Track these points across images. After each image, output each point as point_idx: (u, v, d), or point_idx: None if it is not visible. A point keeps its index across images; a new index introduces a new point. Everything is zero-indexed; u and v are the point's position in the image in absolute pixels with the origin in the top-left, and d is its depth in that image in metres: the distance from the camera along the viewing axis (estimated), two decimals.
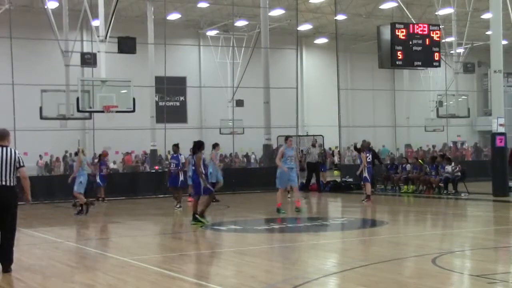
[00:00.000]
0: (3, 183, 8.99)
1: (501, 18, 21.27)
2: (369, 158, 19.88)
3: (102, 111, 21.04)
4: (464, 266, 9.88)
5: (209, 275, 9.30)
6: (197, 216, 14.56)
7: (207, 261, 10.72)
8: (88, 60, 25.90)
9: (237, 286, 8.47)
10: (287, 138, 17.39)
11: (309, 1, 38.85)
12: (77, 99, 21.08)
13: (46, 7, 26.38)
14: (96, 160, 23.18)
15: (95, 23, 22.05)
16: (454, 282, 8.66)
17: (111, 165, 38.25)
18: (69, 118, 26.05)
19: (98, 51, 21.58)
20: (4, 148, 9.09)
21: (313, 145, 25.14)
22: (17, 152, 9.17)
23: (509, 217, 15.41)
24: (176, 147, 19.43)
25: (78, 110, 21.80)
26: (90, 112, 23.51)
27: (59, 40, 25.94)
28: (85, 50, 29.74)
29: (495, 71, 20.86)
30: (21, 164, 9.13)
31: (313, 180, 25.02)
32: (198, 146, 14.97)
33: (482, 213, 17.69)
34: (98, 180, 21.30)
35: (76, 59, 26.27)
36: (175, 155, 19.34)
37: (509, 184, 20.86)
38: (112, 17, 21.26)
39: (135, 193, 23.94)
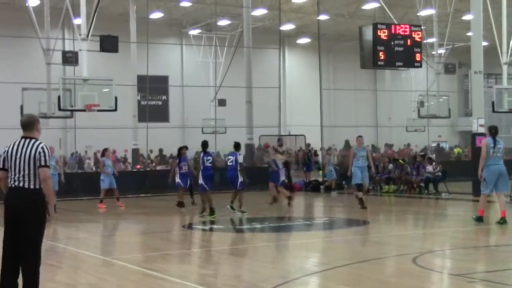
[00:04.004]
0: (20, 184, 6.77)
1: (481, 20, 21.44)
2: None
3: (84, 110, 20.90)
4: (444, 265, 9.97)
5: (191, 274, 9.30)
6: None
7: (190, 260, 10.72)
8: (70, 58, 25.78)
9: (219, 286, 8.49)
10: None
11: (292, 1, 38.85)
12: (59, 97, 20.93)
13: (27, 4, 26.17)
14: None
15: (76, 21, 21.92)
16: (434, 281, 8.73)
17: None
18: (50, 117, 25.86)
19: (80, 50, 21.42)
20: (27, 140, 6.97)
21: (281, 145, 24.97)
22: (41, 146, 6.99)
23: (489, 217, 15.52)
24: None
25: (60, 109, 21.65)
26: (72, 110, 23.39)
27: (41, 38, 25.75)
28: (66, 49, 29.57)
29: (475, 72, 21.03)
30: (42, 162, 6.85)
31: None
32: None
33: (462, 212, 17.83)
34: (177, 179, 18.39)
35: (57, 57, 26.11)
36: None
37: None
38: (94, 15, 21.11)
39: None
